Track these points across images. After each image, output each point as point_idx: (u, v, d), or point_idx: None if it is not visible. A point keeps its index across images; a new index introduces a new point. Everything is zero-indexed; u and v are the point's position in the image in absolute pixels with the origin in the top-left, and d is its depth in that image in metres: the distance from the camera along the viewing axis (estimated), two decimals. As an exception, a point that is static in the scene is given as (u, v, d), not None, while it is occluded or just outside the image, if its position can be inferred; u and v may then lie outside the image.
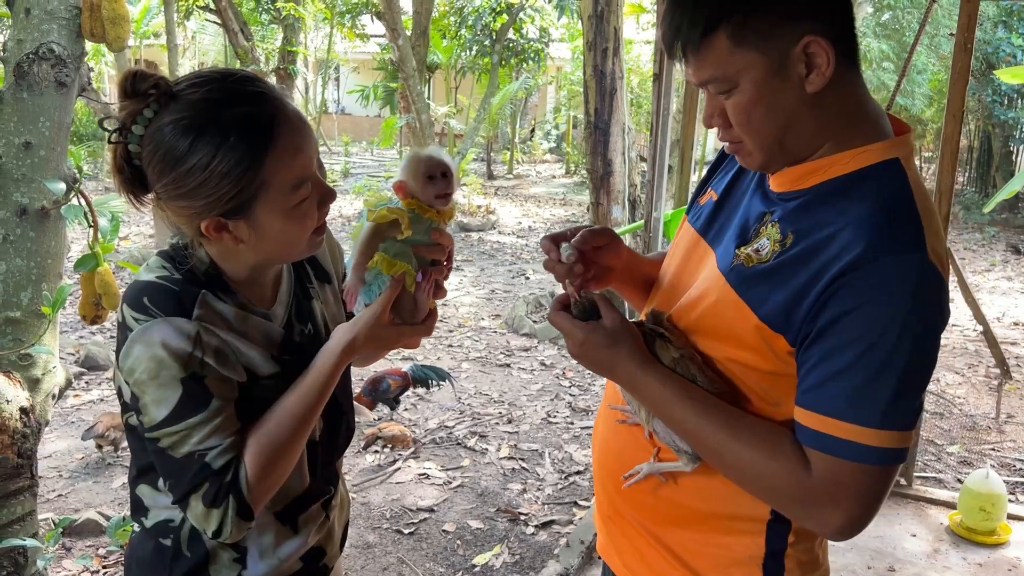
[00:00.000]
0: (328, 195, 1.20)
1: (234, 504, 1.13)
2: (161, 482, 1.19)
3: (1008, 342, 6.38)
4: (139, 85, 1.10)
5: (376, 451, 4.30)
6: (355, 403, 1.52)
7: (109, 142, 1.14)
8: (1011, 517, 3.39)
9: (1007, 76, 6.26)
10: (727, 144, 1.18)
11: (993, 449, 4.49)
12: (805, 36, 1.03)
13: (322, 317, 1.35)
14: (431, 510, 3.74)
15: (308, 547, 1.33)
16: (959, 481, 3.90)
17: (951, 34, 3.42)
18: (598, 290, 1.32)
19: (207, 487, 1.12)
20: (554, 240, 1.28)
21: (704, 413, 1.12)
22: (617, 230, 5.65)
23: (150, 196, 1.16)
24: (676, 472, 1.23)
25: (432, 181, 1.27)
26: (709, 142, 11.99)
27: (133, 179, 1.14)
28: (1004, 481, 3.47)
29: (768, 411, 1.15)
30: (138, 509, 1.26)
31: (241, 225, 1.14)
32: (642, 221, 3.55)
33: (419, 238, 1.27)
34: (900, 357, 1.00)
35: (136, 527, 1.28)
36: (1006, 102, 11.68)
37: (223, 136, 1.08)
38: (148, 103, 1.10)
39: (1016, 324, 6.96)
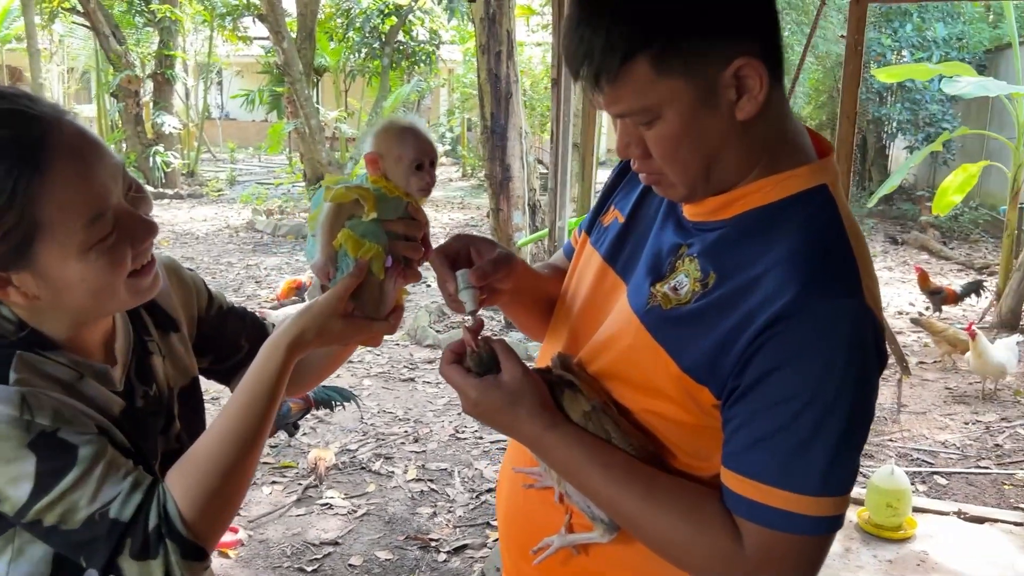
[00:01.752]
0: (141, 230, 0.99)
1: (175, 547, 0.94)
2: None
3: (895, 331, 6.62)
4: None
5: (274, 482, 4.04)
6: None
7: None
8: (916, 510, 3.45)
9: (884, 75, 6.51)
10: (643, 175, 1.04)
11: (891, 440, 4.61)
12: (737, 59, 0.91)
13: (164, 376, 1.15)
14: (335, 543, 3.53)
15: None
16: (865, 476, 3.97)
17: (841, 36, 3.46)
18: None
19: (130, 543, 0.93)
20: (447, 258, 1.13)
21: (620, 480, 0.99)
22: (520, 240, 5.57)
23: None
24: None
25: (419, 172, 1.09)
26: (603, 144, 12.08)
27: None
28: (905, 472, 3.54)
29: (694, 466, 1.03)
30: None
31: (26, 277, 0.95)
32: (546, 230, 3.45)
33: (387, 216, 1.09)
34: (837, 417, 0.89)
35: None
36: (878, 99, 12.22)
37: None
38: None
39: (900, 313, 7.23)
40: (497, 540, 3.47)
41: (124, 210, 0.98)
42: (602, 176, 3.94)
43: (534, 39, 15.94)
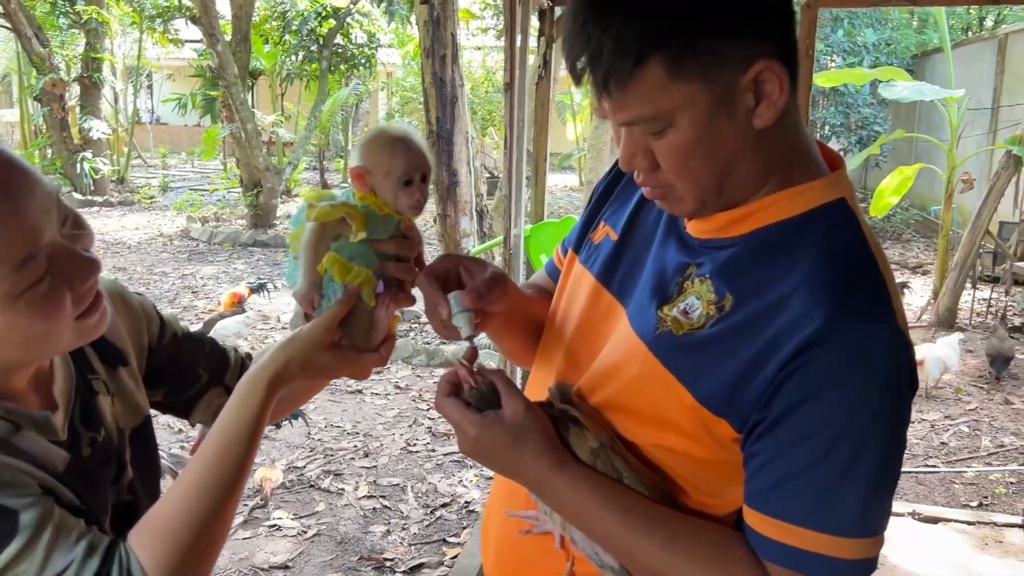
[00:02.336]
0: (81, 270, 0.86)
1: None
2: None
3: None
4: None
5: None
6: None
7: None
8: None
9: (822, 80, 6.62)
10: (647, 189, 0.95)
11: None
12: (757, 61, 0.84)
13: (113, 418, 1.03)
14: (285, 567, 3.38)
15: None
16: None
17: (792, 41, 3.47)
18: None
19: None
20: (436, 279, 1.04)
21: (637, 526, 0.90)
22: (474, 249, 5.47)
23: None
24: None
25: (408, 188, 0.99)
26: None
27: None
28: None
29: (708, 504, 0.95)
30: None
31: None
32: (500, 238, 3.37)
33: (377, 235, 1.00)
34: (872, 450, 0.83)
35: None
36: (812, 103, 12.47)
37: None
38: None
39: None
40: (455, 558, 3.38)
41: (59, 247, 0.85)
42: (553, 181, 3.86)
43: (473, 43, 15.86)
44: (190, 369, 1.17)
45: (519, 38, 3.21)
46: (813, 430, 0.83)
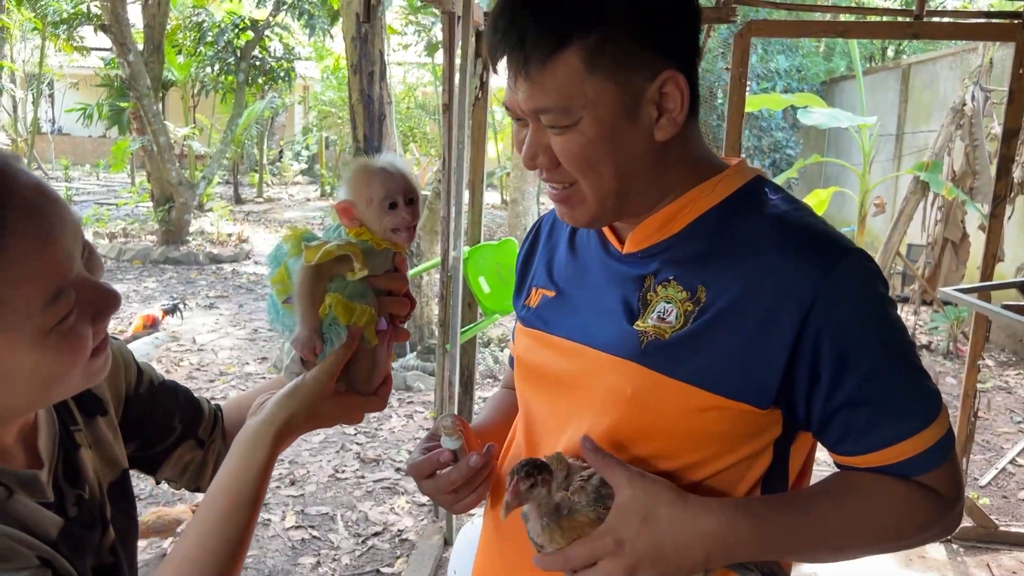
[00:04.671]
0: (107, 303, 0.80)
1: None
2: None
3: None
4: None
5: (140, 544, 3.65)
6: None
7: None
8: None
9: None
10: (552, 190, 0.97)
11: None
12: (664, 71, 0.90)
13: (95, 472, 0.93)
14: (211, 605, 3.21)
15: None
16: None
17: (726, 68, 3.53)
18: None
19: None
20: (433, 455, 1.06)
21: (809, 518, 0.93)
22: (411, 271, 5.37)
23: None
24: None
25: (392, 211, 0.95)
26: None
27: None
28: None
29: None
30: None
31: None
32: (437, 260, 3.30)
33: (376, 271, 0.96)
34: (907, 350, 0.94)
35: None
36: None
37: None
38: None
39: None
40: (391, 590, 3.27)
41: (85, 281, 0.77)
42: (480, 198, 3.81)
43: (395, 58, 15.76)
44: (165, 421, 1.08)
45: (458, 59, 3.16)
46: (869, 367, 0.90)
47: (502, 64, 0.91)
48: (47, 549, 0.77)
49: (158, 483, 1.12)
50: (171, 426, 1.08)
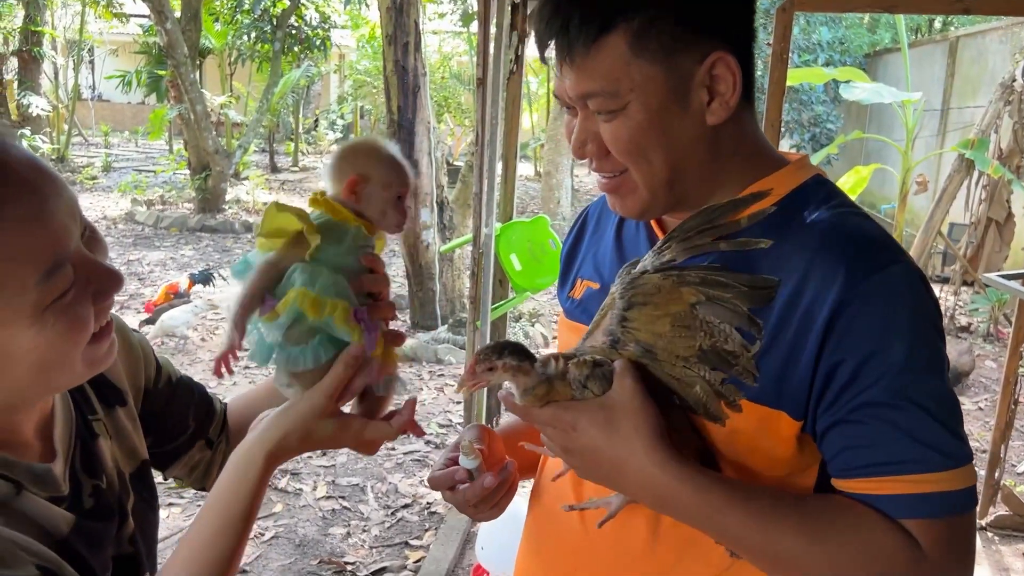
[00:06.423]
0: (105, 282, 0.79)
1: None
2: None
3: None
4: None
5: (171, 504, 3.73)
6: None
7: None
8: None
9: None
10: (602, 179, 0.95)
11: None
12: (713, 52, 0.87)
13: (113, 462, 0.93)
14: (243, 571, 3.27)
15: None
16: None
17: (768, 43, 3.45)
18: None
19: None
20: (450, 472, 1.05)
21: (766, 515, 0.85)
22: (443, 247, 5.37)
23: None
24: None
25: (399, 204, 0.94)
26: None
27: None
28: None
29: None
30: None
31: None
32: (470, 236, 3.29)
33: (345, 260, 0.90)
34: (938, 383, 0.85)
35: None
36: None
37: None
38: None
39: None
40: (420, 561, 3.31)
41: (84, 258, 0.77)
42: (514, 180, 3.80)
43: (429, 27, 15.65)
44: (180, 418, 1.08)
45: (493, 31, 3.12)
46: (888, 387, 0.83)
47: (550, 51, 0.90)
48: (52, 558, 0.76)
49: (165, 479, 1.13)
50: (185, 423, 1.08)
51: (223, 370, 0.87)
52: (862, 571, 0.84)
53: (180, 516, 3.65)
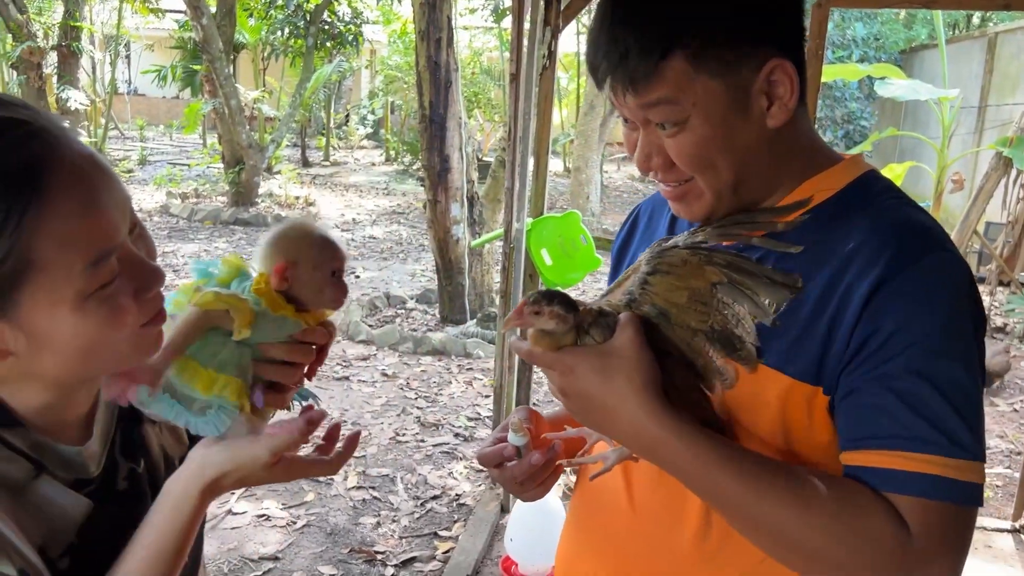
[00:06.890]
0: (151, 279, 0.81)
1: None
2: None
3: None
4: None
5: (205, 492, 3.80)
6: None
7: None
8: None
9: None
10: (666, 187, 0.97)
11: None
12: (769, 60, 0.90)
13: (160, 448, 0.96)
14: (275, 558, 3.33)
15: None
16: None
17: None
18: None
19: None
20: (499, 448, 1.07)
21: (759, 481, 0.84)
22: (473, 243, 5.40)
23: None
24: None
25: (335, 280, 0.93)
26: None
27: None
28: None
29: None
30: None
31: (2, 328, 0.75)
32: (501, 231, 3.31)
33: (266, 339, 0.89)
34: (967, 373, 0.85)
35: None
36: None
37: None
38: None
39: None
40: (449, 552, 3.34)
41: (129, 253, 0.80)
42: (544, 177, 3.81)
43: (461, 23, 15.69)
44: None
45: (527, 26, 3.14)
46: (907, 363, 0.84)
47: (606, 83, 0.92)
48: (33, 564, 0.77)
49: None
50: None
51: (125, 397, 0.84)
52: (845, 547, 0.82)
53: (215, 505, 3.72)
